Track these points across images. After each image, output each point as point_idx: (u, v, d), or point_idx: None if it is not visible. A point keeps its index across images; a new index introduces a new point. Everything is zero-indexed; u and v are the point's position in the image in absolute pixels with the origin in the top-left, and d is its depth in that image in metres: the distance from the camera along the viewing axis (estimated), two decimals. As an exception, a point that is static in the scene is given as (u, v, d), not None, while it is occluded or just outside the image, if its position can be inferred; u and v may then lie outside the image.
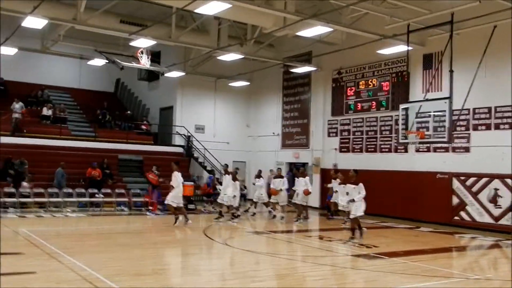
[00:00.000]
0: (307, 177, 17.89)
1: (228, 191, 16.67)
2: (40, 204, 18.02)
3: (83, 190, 19.15)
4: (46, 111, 23.96)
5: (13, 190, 17.79)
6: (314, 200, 22.92)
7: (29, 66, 26.56)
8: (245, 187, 24.82)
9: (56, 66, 27.81)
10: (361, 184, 12.95)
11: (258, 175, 19.40)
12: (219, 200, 17.18)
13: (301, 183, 17.34)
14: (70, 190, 18.94)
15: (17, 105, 22.38)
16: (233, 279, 8.51)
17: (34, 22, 16.50)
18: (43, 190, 18.21)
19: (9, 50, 21.18)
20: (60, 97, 27.29)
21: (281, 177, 18.63)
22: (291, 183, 18.61)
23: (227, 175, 17.43)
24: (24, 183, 18.12)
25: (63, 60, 26.67)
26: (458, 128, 17.15)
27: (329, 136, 23.11)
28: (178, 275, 9.07)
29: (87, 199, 18.89)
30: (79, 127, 25.02)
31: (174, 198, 15.00)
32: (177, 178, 15.17)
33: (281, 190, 18.00)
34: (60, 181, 18.87)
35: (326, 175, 22.04)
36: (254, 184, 19.81)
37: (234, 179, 17.01)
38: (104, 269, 8.50)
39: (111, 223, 16.24)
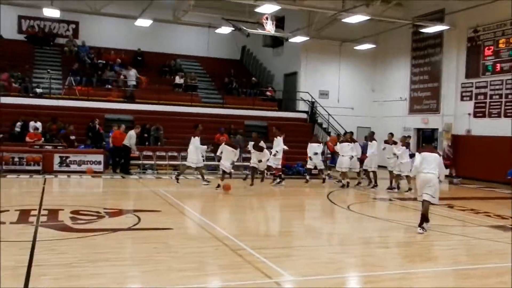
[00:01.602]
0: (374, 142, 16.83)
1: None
2: (174, 166, 19.34)
3: (212, 155, 20.10)
4: (178, 80, 25.42)
5: (150, 153, 19.28)
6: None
7: (163, 36, 28.17)
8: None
9: (186, 36, 29.19)
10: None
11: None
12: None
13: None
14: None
15: (131, 72, 23.91)
16: (358, 244, 8.45)
17: (167, -6, 17.41)
18: (176, 153, 19.48)
19: (145, 22, 22.73)
20: (191, 66, 28.74)
21: (352, 141, 17.19)
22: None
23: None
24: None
25: (193, 29, 27.90)
26: None
27: (462, 100, 21.56)
28: (303, 237, 9.23)
29: (216, 162, 19.82)
30: (208, 94, 26.25)
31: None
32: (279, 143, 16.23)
33: (352, 156, 16.60)
34: None
35: (458, 142, 20.77)
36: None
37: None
38: (231, 229, 8.93)
39: (237, 186, 16.91)
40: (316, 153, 16.89)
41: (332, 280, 6.25)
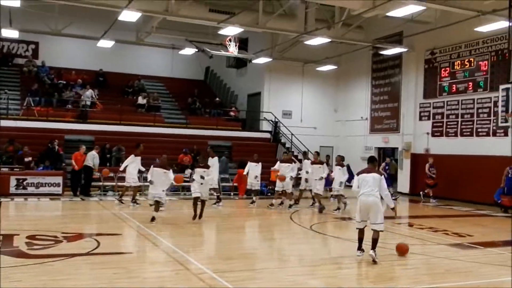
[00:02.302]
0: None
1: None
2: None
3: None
4: (141, 100, 25.20)
5: (111, 174, 18.90)
6: (404, 186, 22.26)
7: (126, 57, 27.95)
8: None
9: (150, 57, 29.06)
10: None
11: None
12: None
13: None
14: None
15: (87, 92, 23.64)
16: (320, 265, 8.47)
17: (129, 15, 17.38)
18: (139, 174, 19.11)
19: (107, 43, 22.54)
20: (154, 86, 28.56)
21: (291, 162, 16.91)
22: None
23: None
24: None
25: (156, 50, 27.80)
26: None
27: (420, 120, 22.17)
28: (266, 259, 9.19)
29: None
30: (172, 115, 26.09)
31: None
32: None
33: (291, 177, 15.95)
34: None
35: (417, 160, 21.30)
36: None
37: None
38: (193, 252, 8.82)
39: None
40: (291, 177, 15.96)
41: (295, 303, 6.23)
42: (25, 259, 8.05)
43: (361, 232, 8.72)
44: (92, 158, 17.61)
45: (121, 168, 16.03)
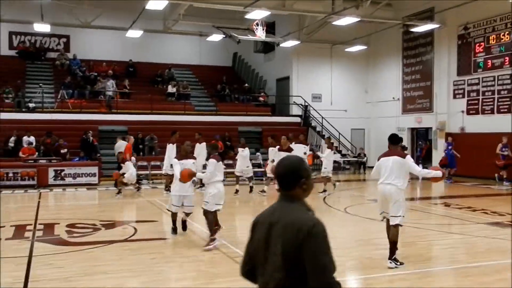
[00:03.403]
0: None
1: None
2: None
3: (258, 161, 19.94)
4: (171, 89, 25.40)
5: (145, 163, 19.19)
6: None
7: (154, 46, 28.16)
8: (364, 155, 24.35)
9: (178, 45, 29.19)
10: None
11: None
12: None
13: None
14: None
15: (109, 83, 23.84)
16: (356, 246, 8.41)
17: (156, 3, 17.46)
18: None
19: (135, 33, 22.75)
20: (183, 74, 28.72)
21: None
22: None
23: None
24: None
25: (184, 38, 27.91)
26: None
27: (454, 98, 21.62)
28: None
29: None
30: (201, 102, 26.23)
31: None
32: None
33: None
34: None
35: (454, 140, 20.80)
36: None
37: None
38: (228, 236, 8.88)
39: (231, 193, 16.69)
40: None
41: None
42: (65, 247, 8.27)
43: (387, 226, 7.24)
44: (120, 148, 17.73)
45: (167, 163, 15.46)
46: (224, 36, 23.50)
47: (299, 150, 15.20)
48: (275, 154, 13.75)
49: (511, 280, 4.34)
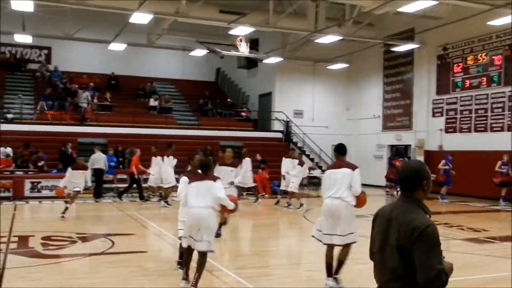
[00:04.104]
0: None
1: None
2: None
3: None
4: (153, 102, 25.32)
5: (125, 176, 18.99)
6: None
7: (137, 60, 28.08)
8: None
9: (161, 59, 29.16)
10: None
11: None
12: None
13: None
14: (177, 176, 19.79)
15: (84, 94, 23.61)
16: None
17: (140, 17, 17.46)
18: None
19: (118, 46, 22.69)
20: (166, 88, 28.67)
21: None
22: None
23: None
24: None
25: (167, 52, 27.91)
26: None
27: (433, 116, 21.97)
28: (281, 256, 9.16)
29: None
30: (184, 116, 26.18)
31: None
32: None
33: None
34: None
35: (430, 157, 21.05)
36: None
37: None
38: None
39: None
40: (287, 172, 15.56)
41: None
42: (41, 259, 8.11)
43: (328, 250, 6.58)
44: (103, 161, 17.65)
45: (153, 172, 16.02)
46: (208, 51, 23.58)
47: (288, 164, 15.49)
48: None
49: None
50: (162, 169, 15.79)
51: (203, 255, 6.18)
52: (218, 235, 9.00)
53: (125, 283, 6.68)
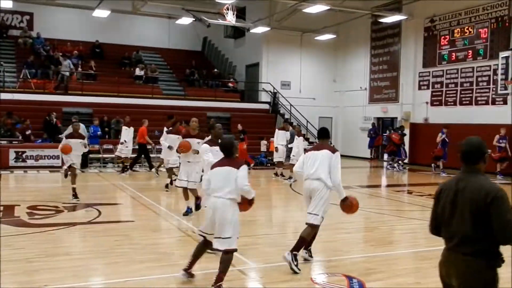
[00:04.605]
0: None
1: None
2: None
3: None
4: (139, 72, 25.00)
5: (111, 146, 18.91)
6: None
7: (122, 28, 27.59)
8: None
9: (146, 27, 28.69)
10: None
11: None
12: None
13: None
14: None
15: (65, 62, 23.16)
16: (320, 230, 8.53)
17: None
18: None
19: (103, 13, 22.18)
20: (151, 58, 28.28)
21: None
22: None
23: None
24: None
25: (153, 20, 27.46)
26: None
27: (420, 89, 22.07)
28: (267, 226, 9.26)
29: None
30: (169, 86, 25.93)
31: None
32: None
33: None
34: None
35: (416, 129, 21.24)
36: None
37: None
38: (194, 220, 8.87)
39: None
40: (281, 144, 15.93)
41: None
42: (26, 228, 8.10)
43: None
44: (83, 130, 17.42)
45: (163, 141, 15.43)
46: (194, 19, 23.20)
47: (282, 136, 15.61)
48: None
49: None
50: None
51: (226, 252, 5.27)
52: (198, 206, 9.12)
53: (111, 252, 6.72)
